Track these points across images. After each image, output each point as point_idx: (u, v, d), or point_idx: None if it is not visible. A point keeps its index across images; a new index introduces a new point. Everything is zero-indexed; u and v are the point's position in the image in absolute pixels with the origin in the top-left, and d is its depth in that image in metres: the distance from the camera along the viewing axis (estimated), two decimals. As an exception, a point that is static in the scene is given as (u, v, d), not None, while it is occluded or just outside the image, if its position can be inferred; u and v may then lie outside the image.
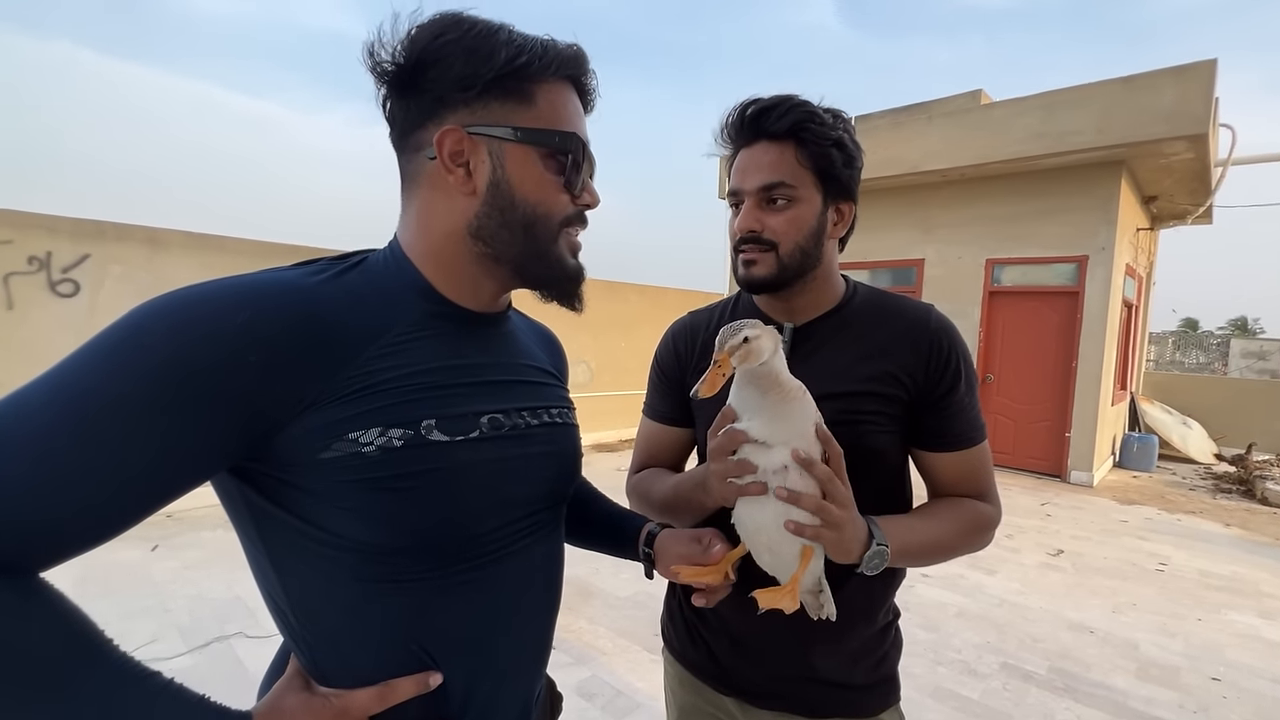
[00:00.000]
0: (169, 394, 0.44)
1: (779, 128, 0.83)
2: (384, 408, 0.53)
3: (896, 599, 0.99)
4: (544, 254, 0.62)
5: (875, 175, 7.26)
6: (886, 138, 7.20)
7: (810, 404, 0.74)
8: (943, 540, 0.84)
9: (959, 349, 0.88)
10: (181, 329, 0.45)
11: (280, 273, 0.53)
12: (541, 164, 0.60)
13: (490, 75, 0.56)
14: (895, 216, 7.59)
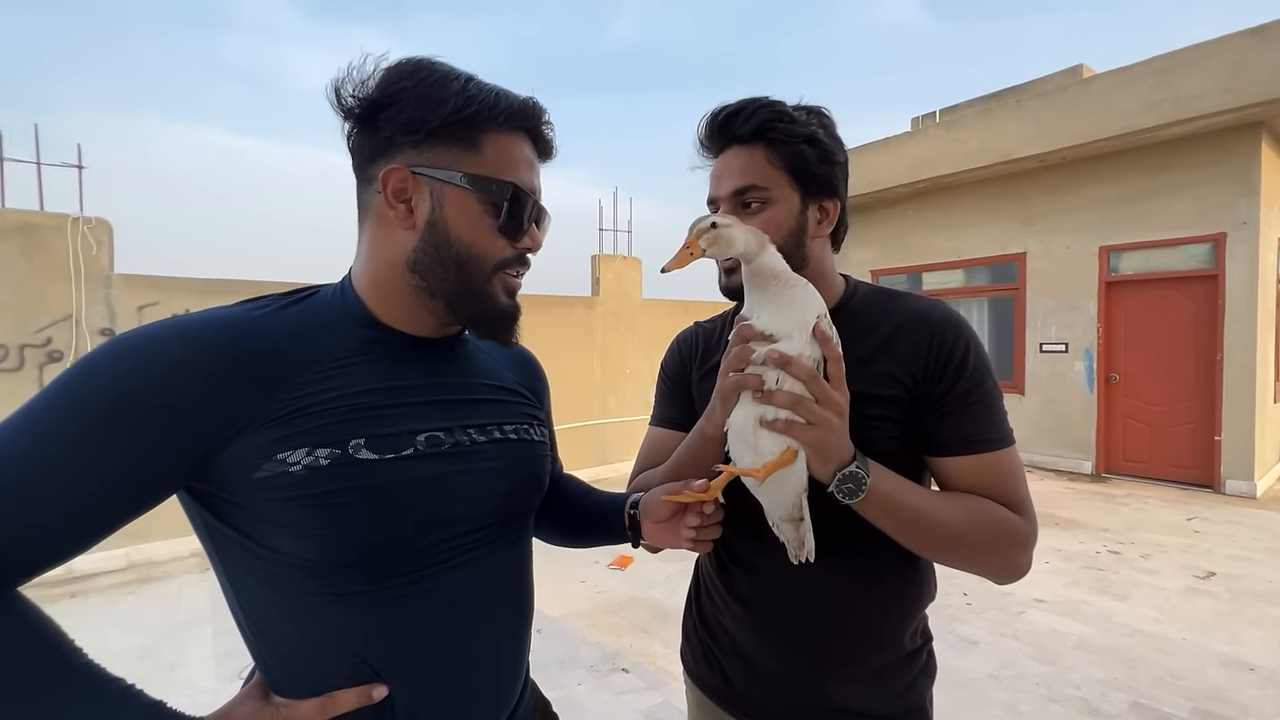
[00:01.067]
0: (116, 423, 0.49)
1: (745, 130, 0.82)
2: (314, 429, 0.56)
3: (952, 627, 0.90)
4: (476, 292, 0.65)
5: (961, 169, 6.82)
6: (974, 128, 6.75)
7: (814, 297, 0.72)
8: (946, 521, 0.75)
9: (967, 343, 0.81)
10: (124, 366, 0.51)
11: (221, 309, 0.59)
12: (479, 208, 0.63)
13: (436, 122, 0.60)
14: (989, 210, 7.07)
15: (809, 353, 0.70)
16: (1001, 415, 0.82)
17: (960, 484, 0.80)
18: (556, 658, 2.79)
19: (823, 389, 0.69)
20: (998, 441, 0.80)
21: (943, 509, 0.76)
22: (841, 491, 0.71)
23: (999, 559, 0.78)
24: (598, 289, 6.48)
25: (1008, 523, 0.77)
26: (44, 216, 3.89)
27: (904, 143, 7.46)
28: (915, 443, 0.83)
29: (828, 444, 0.69)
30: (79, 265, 3.92)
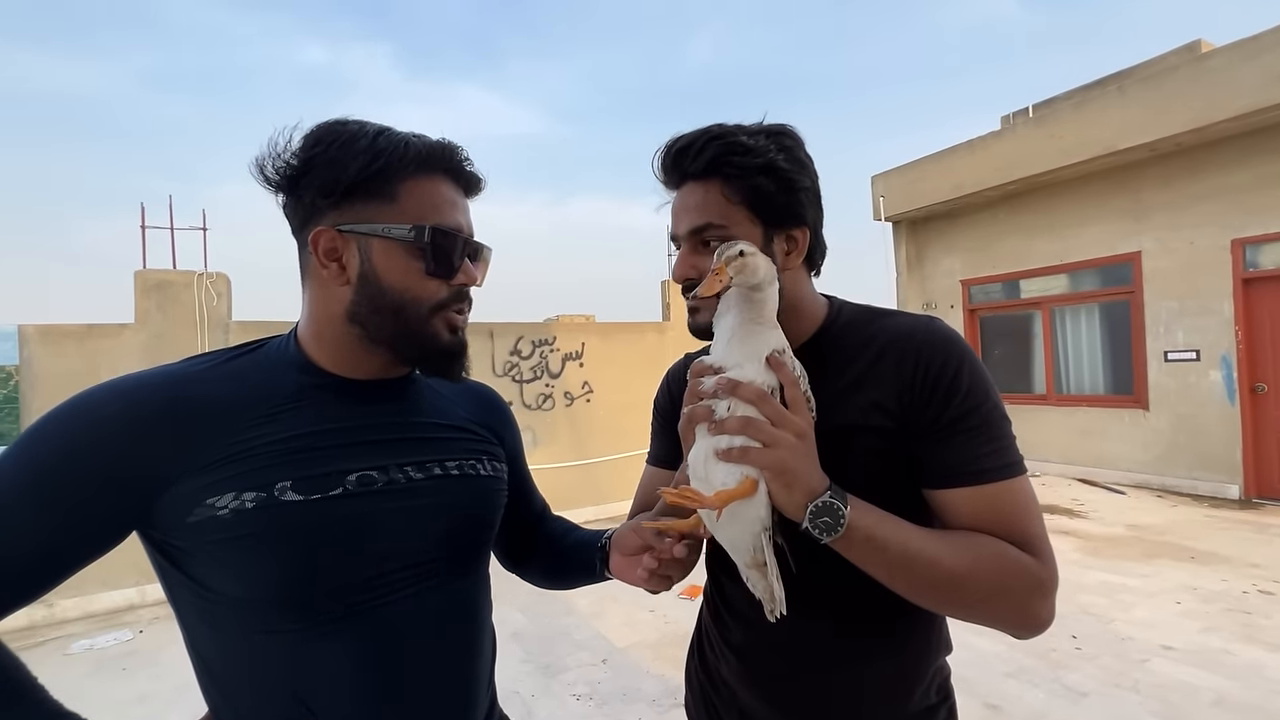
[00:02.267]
0: (61, 475, 0.55)
1: (697, 167, 0.77)
2: (242, 474, 0.59)
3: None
4: (416, 334, 0.68)
5: (1058, 166, 6.29)
6: (1070, 120, 6.24)
7: (774, 335, 0.71)
8: (941, 560, 0.66)
9: (959, 362, 0.73)
10: (68, 426, 0.57)
11: (164, 367, 0.64)
12: (406, 255, 0.66)
13: (348, 181, 0.63)
14: (1093, 208, 6.45)
15: (761, 379, 0.67)
16: (1006, 441, 0.72)
17: (960, 521, 0.71)
18: (620, 690, 2.76)
19: (775, 409, 0.65)
20: (1002, 470, 0.70)
21: (938, 547, 0.67)
22: (817, 527, 0.64)
23: (1010, 607, 0.69)
24: (668, 314, 6.51)
25: (1018, 564, 0.68)
26: (176, 274, 4.46)
27: (990, 143, 7.00)
28: (909, 477, 0.75)
29: (788, 466, 0.64)
30: (203, 315, 4.44)
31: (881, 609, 0.76)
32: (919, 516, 0.77)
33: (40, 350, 4.01)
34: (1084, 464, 6.63)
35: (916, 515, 0.77)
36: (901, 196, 7.94)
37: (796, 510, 0.65)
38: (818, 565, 0.72)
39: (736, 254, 0.69)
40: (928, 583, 0.68)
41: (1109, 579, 3.82)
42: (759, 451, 0.64)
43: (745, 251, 0.69)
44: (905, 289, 8.28)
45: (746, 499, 0.66)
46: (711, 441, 0.67)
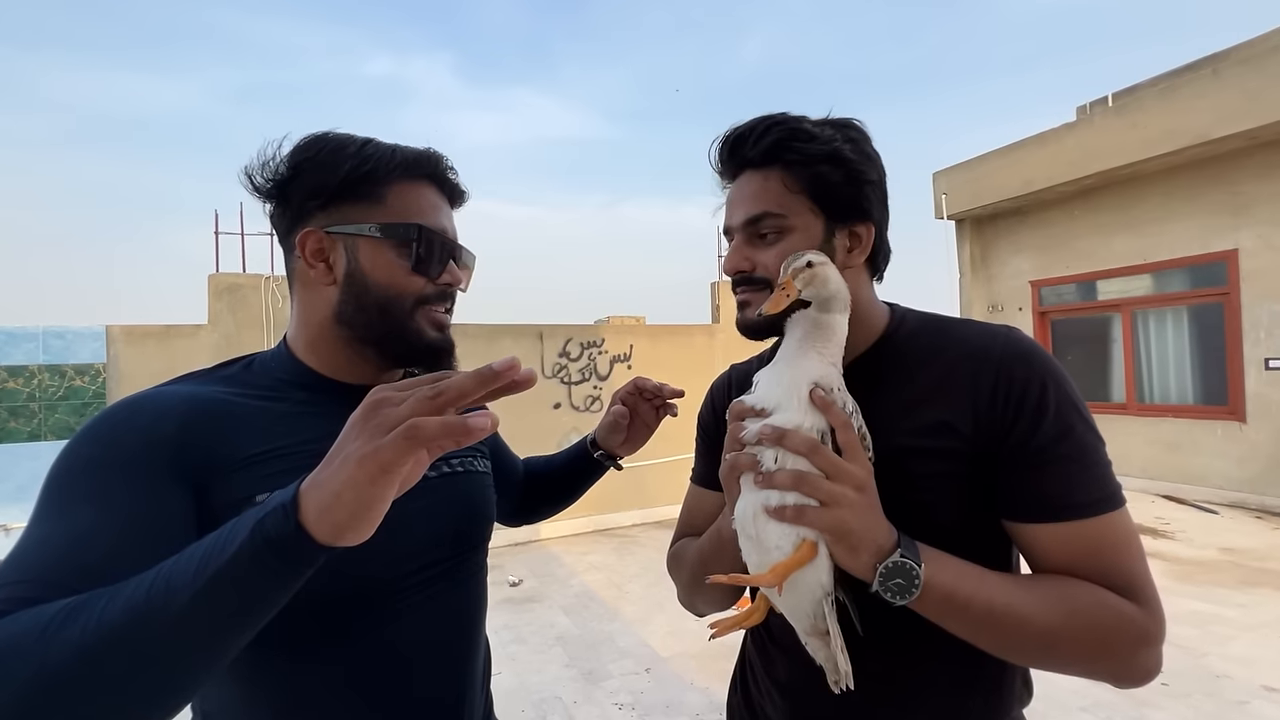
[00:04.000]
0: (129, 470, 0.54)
1: (757, 154, 0.73)
2: (288, 470, 0.59)
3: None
4: (401, 331, 0.69)
5: (1141, 158, 5.85)
6: (1156, 109, 5.78)
7: (810, 364, 0.64)
8: (1032, 617, 0.59)
9: (1046, 379, 0.66)
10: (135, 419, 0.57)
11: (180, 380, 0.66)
12: (393, 253, 0.68)
13: (336, 183, 0.66)
14: (1181, 202, 5.97)
15: (809, 423, 0.60)
16: (1102, 469, 0.64)
17: (1050, 560, 0.64)
18: (662, 702, 2.70)
19: (831, 461, 0.59)
20: (1099, 504, 0.62)
21: (1026, 602, 0.60)
22: (889, 590, 0.58)
23: (1110, 663, 0.62)
24: (718, 316, 6.40)
25: (1120, 616, 0.60)
26: (245, 277, 4.69)
27: (1064, 136, 6.58)
28: (986, 506, 0.67)
29: (849, 526, 0.58)
30: (269, 317, 4.65)
31: (949, 648, 0.67)
32: (993, 550, 0.70)
33: (125, 349, 4.29)
34: (1169, 479, 6.12)
35: (990, 549, 0.70)
36: (966, 193, 7.56)
37: (864, 572, 0.59)
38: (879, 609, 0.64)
39: (804, 265, 0.63)
40: (1016, 643, 0.61)
41: (1201, 608, 3.49)
42: (816, 511, 0.58)
43: (814, 262, 0.63)
44: (969, 290, 7.88)
45: (807, 563, 0.60)
46: (760, 496, 0.61)
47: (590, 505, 5.77)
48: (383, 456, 0.41)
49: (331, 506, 0.41)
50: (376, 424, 0.42)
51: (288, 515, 0.41)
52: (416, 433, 0.41)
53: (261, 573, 0.42)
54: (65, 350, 4.16)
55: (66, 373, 4.13)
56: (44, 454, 4.11)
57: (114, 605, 0.41)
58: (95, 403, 4.17)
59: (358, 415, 0.44)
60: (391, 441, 0.41)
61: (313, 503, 0.42)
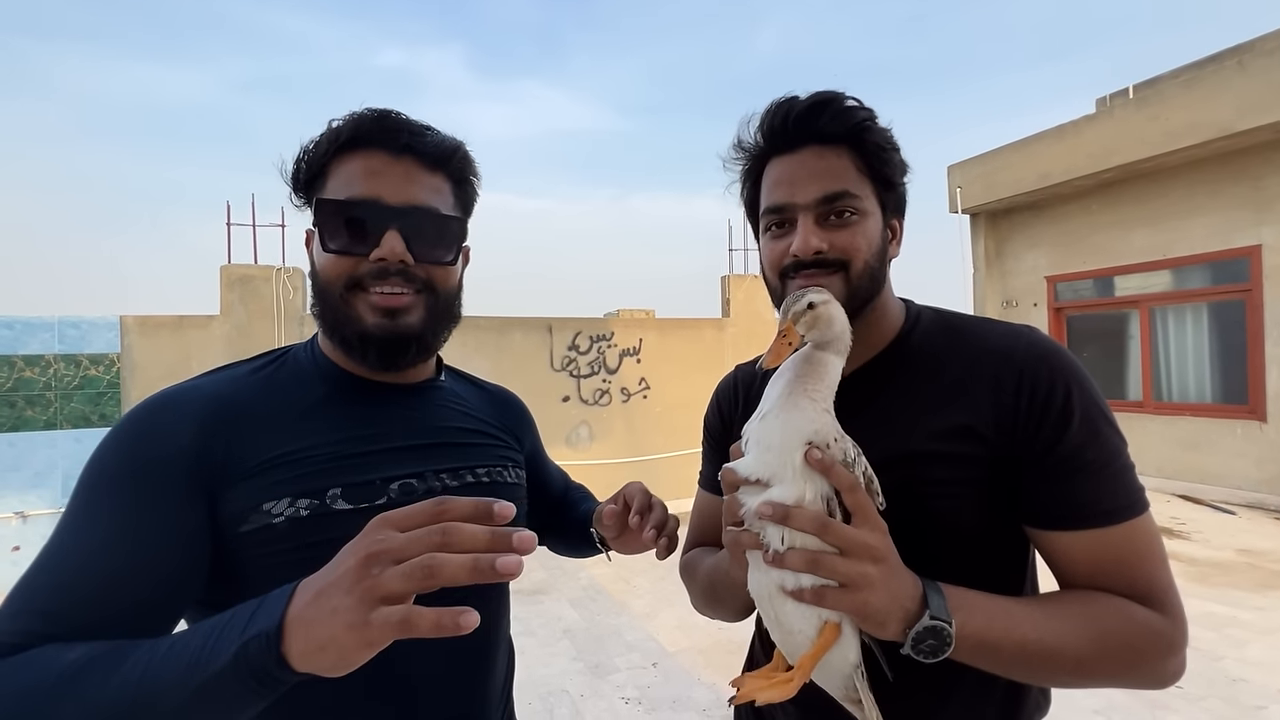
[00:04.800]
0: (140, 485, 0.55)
1: (835, 128, 0.68)
2: (296, 477, 0.58)
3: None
4: (339, 318, 0.65)
5: (1163, 151, 5.73)
6: (1178, 101, 5.66)
7: (799, 417, 0.57)
8: (1064, 649, 0.57)
9: (1070, 382, 0.64)
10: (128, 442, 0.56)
11: (209, 375, 0.64)
12: (324, 238, 0.64)
13: (302, 179, 0.65)
14: (1204, 197, 5.84)
15: (811, 493, 0.55)
16: (1127, 474, 0.63)
17: (1075, 568, 0.63)
18: (669, 696, 2.70)
19: (843, 537, 0.54)
20: (1124, 511, 0.61)
21: (1057, 632, 0.58)
22: (922, 652, 0.56)
23: (1136, 677, 0.61)
24: (728, 310, 6.37)
25: (1148, 630, 0.59)
26: (256, 269, 4.71)
27: (1084, 128, 6.46)
28: (1008, 511, 0.65)
29: (873, 606, 0.54)
30: (280, 308, 4.68)
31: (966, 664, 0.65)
32: (1012, 554, 0.69)
33: (138, 339, 4.32)
34: (1186, 479, 6.03)
35: (1009, 553, 0.69)
36: (981, 187, 7.45)
37: (894, 638, 0.56)
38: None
39: (806, 307, 0.58)
40: (1047, 674, 0.60)
41: (1217, 610, 3.43)
42: (836, 594, 0.54)
43: (816, 302, 0.58)
44: (983, 286, 7.78)
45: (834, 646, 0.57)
46: (774, 576, 0.57)
47: (599, 498, 5.74)
48: (370, 635, 0.40)
49: (314, 654, 0.42)
50: (369, 587, 0.40)
51: (270, 647, 0.41)
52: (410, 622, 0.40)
53: (242, 690, 0.42)
54: (80, 340, 4.20)
55: (81, 362, 4.18)
56: (60, 442, 4.16)
57: (106, 692, 0.43)
58: (110, 392, 4.22)
59: (354, 562, 0.41)
60: (380, 626, 0.40)
61: (298, 641, 0.41)
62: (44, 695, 0.44)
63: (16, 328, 4.06)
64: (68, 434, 4.10)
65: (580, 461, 5.41)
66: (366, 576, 0.41)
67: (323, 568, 0.44)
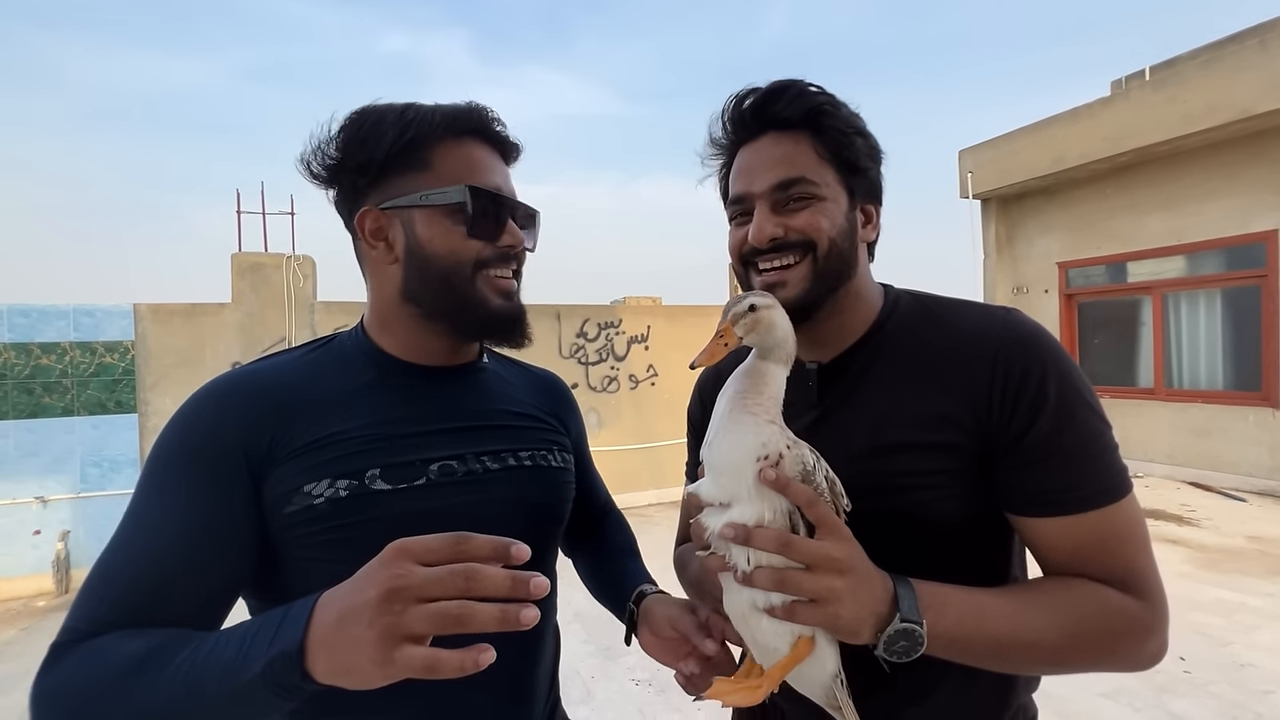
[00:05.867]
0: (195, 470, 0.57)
1: (791, 113, 0.68)
2: (336, 459, 0.60)
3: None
4: (465, 301, 0.66)
5: (1180, 134, 5.64)
6: (1196, 83, 5.55)
7: (746, 434, 0.57)
8: (1039, 640, 0.58)
9: (1047, 365, 0.63)
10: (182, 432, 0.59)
11: (256, 363, 0.67)
12: (447, 220, 0.65)
13: (382, 156, 0.64)
14: (1221, 181, 5.75)
15: (769, 512, 0.55)
16: (1108, 457, 0.62)
17: (1055, 553, 0.63)
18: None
19: (807, 552, 0.54)
20: (1104, 495, 0.61)
21: (1032, 625, 0.59)
22: (894, 653, 0.56)
23: (1114, 662, 0.62)
24: (736, 297, 6.36)
25: (1124, 616, 0.60)
26: (267, 257, 4.74)
27: (1099, 111, 6.36)
28: (989, 498, 0.65)
29: (844, 618, 0.54)
30: (290, 295, 4.70)
31: None
32: (996, 541, 0.69)
33: (152, 327, 4.37)
34: (1196, 466, 6.00)
35: (993, 539, 0.69)
36: (993, 172, 7.36)
37: (869, 642, 0.57)
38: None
39: (747, 309, 0.58)
40: (1023, 665, 0.62)
41: (1226, 596, 3.44)
42: (806, 609, 0.54)
43: (758, 305, 0.58)
44: (993, 271, 7.71)
45: (806, 657, 0.58)
46: (745, 595, 0.57)
47: (607, 484, 5.78)
48: (392, 671, 0.41)
49: (339, 675, 0.43)
50: (391, 624, 0.41)
51: (293, 666, 0.43)
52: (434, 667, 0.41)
53: (274, 697, 0.45)
54: (95, 328, 4.24)
55: (97, 350, 4.22)
56: (77, 428, 4.22)
57: (152, 694, 0.46)
58: (125, 379, 4.27)
59: (374, 594, 0.42)
60: (404, 666, 0.41)
61: (321, 662, 0.43)
62: (98, 694, 0.47)
63: (33, 316, 4.11)
64: (85, 420, 4.16)
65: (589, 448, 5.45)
66: (388, 612, 0.41)
67: (344, 584, 0.45)
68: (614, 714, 2.52)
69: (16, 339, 4.08)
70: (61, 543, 3.99)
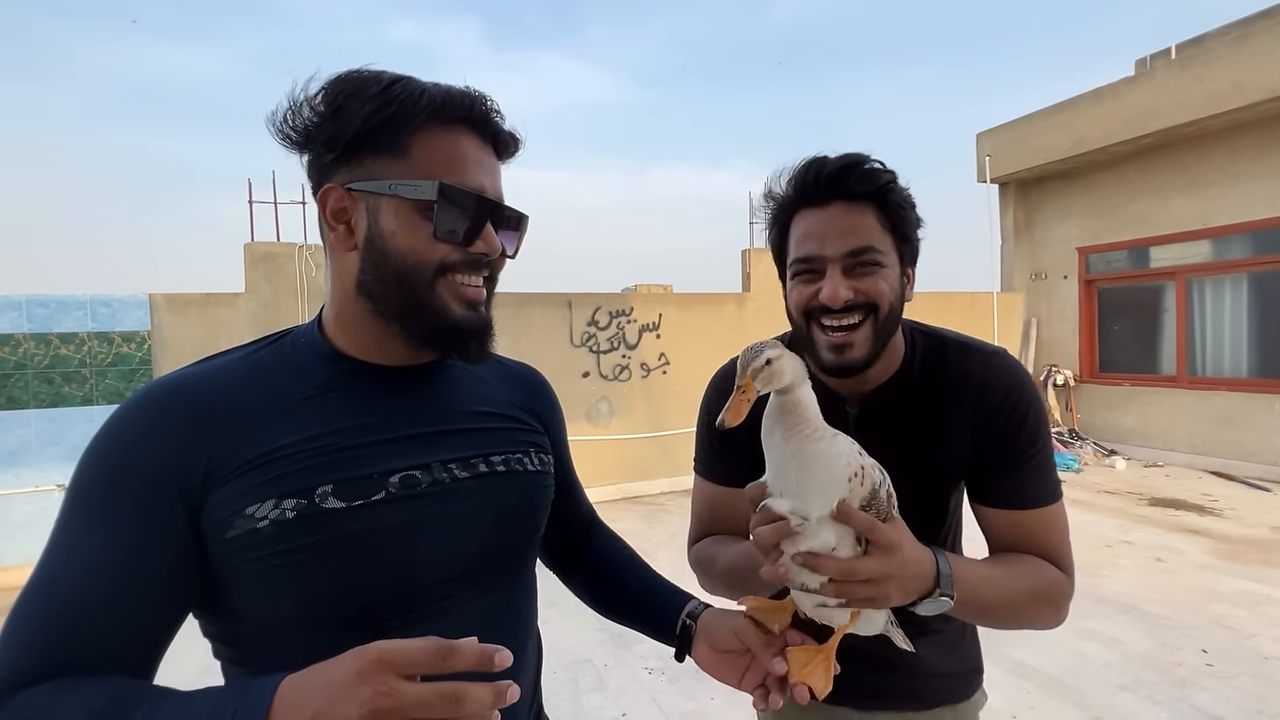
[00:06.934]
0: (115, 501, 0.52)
1: (862, 188, 0.77)
2: (279, 477, 0.54)
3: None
4: (421, 306, 0.60)
5: (1207, 115, 5.48)
6: (1225, 61, 5.38)
7: (839, 460, 0.65)
8: (1013, 602, 0.78)
9: (1030, 406, 0.83)
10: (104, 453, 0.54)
11: (194, 365, 0.60)
12: (415, 215, 0.58)
13: (353, 132, 0.56)
14: (1250, 163, 5.59)
15: (835, 539, 0.64)
16: (1054, 471, 0.84)
17: (1007, 534, 0.84)
18: (692, 666, 2.72)
19: (869, 573, 0.64)
20: (1049, 498, 0.82)
21: (1010, 591, 0.77)
22: (923, 610, 0.71)
23: (1046, 619, 0.81)
24: (748, 284, 6.29)
25: (1057, 585, 0.81)
26: (279, 246, 4.75)
27: (1123, 91, 6.19)
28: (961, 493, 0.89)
29: (893, 600, 0.67)
30: (303, 285, 4.72)
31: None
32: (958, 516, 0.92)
33: (167, 317, 4.41)
34: (1219, 455, 5.89)
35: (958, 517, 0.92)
36: (1012, 155, 7.20)
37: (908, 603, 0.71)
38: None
39: (764, 364, 0.64)
40: (992, 620, 0.80)
41: (1250, 588, 3.37)
42: (867, 602, 0.66)
43: (771, 359, 0.65)
44: (1011, 258, 7.58)
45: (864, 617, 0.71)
46: (815, 597, 0.67)
47: (619, 473, 5.82)
48: None
49: None
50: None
51: None
52: None
53: None
54: (112, 318, 4.28)
55: (114, 340, 4.27)
56: (97, 418, 4.28)
57: None
58: (142, 369, 4.32)
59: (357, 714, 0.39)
60: None
61: None
62: None
63: (51, 306, 4.15)
64: (104, 410, 4.21)
65: (600, 437, 5.45)
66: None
67: (311, 679, 0.42)
68: (627, 702, 2.52)
69: (36, 329, 4.14)
70: (83, 530, 4.06)
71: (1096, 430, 6.88)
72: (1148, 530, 4.34)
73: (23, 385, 4.10)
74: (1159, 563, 3.77)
